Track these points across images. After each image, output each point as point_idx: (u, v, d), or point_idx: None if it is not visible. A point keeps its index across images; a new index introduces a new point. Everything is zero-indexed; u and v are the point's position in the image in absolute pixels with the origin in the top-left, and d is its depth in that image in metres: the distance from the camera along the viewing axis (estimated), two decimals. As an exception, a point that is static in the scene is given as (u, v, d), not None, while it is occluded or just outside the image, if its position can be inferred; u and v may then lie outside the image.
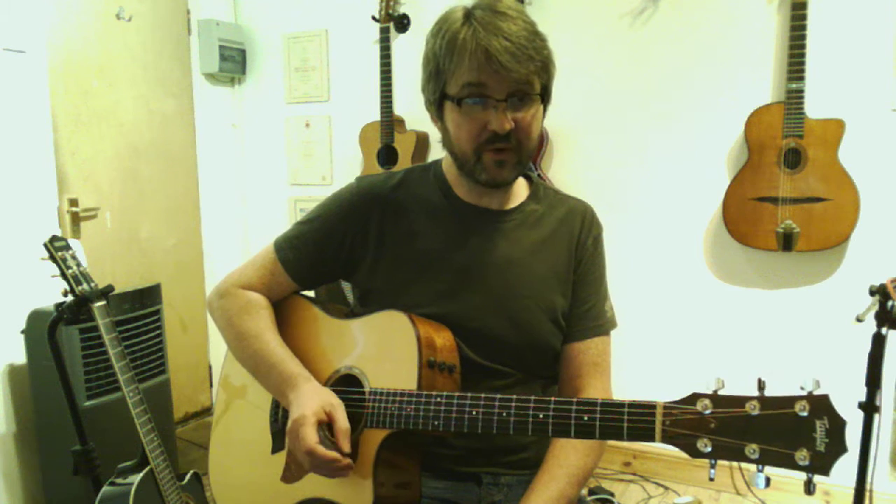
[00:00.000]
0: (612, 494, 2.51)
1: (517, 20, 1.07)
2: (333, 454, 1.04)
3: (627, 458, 2.77)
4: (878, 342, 1.60)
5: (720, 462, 0.86)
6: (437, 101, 1.15)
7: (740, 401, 0.84)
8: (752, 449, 0.83)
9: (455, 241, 1.21)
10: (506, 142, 1.11)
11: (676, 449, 0.88)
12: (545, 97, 1.15)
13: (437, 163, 1.28)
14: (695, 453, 0.86)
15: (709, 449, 0.85)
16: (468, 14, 1.09)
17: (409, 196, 1.24)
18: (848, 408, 1.46)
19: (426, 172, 1.28)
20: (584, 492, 2.51)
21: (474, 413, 1.01)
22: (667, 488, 2.62)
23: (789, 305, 2.48)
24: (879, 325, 1.58)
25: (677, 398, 0.89)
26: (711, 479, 0.89)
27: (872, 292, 1.59)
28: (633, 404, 0.91)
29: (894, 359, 1.74)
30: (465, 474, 1.21)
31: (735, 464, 2.51)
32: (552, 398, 0.97)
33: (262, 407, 1.26)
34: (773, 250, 2.36)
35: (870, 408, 1.62)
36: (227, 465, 1.32)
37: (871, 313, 1.60)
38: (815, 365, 2.42)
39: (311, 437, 1.04)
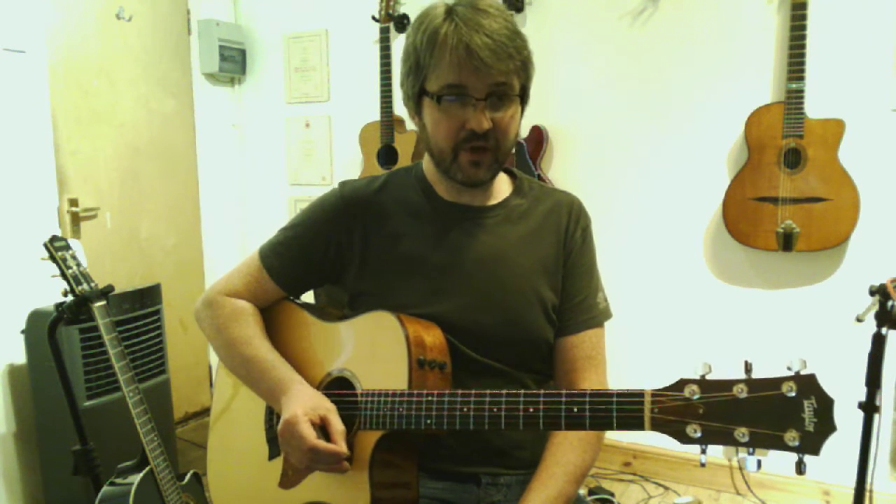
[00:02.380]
0: (612, 494, 2.51)
1: (498, 18, 1.08)
2: (336, 447, 1.04)
3: (627, 458, 2.76)
4: (878, 342, 1.60)
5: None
6: (416, 97, 1.15)
7: (728, 384, 0.84)
8: (741, 432, 0.82)
9: (439, 240, 1.21)
10: (484, 140, 1.11)
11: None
12: (524, 98, 1.15)
13: (419, 164, 1.29)
14: (684, 439, 0.86)
15: (698, 434, 0.85)
16: (449, 10, 1.09)
17: (391, 199, 1.25)
18: (848, 408, 1.46)
19: (408, 174, 1.28)
20: (584, 492, 2.51)
21: (465, 410, 1.01)
22: (667, 488, 2.62)
23: (789, 305, 2.48)
24: (879, 325, 1.58)
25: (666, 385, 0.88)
26: (703, 465, 0.88)
27: (872, 292, 1.59)
28: (621, 393, 0.91)
29: (894, 359, 1.74)
30: (464, 474, 1.20)
31: (735, 463, 2.52)
32: (541, 391, 0.97)
33: (257, 413, 1.26)
34: (773, 250, 2.36)
35: (870, 408, 1.63)
36: (225, 471, 1.32)
37: (871, 313, 1.60)
38: (815, 365, 2.40)
39: (309, 433, 1.04)
